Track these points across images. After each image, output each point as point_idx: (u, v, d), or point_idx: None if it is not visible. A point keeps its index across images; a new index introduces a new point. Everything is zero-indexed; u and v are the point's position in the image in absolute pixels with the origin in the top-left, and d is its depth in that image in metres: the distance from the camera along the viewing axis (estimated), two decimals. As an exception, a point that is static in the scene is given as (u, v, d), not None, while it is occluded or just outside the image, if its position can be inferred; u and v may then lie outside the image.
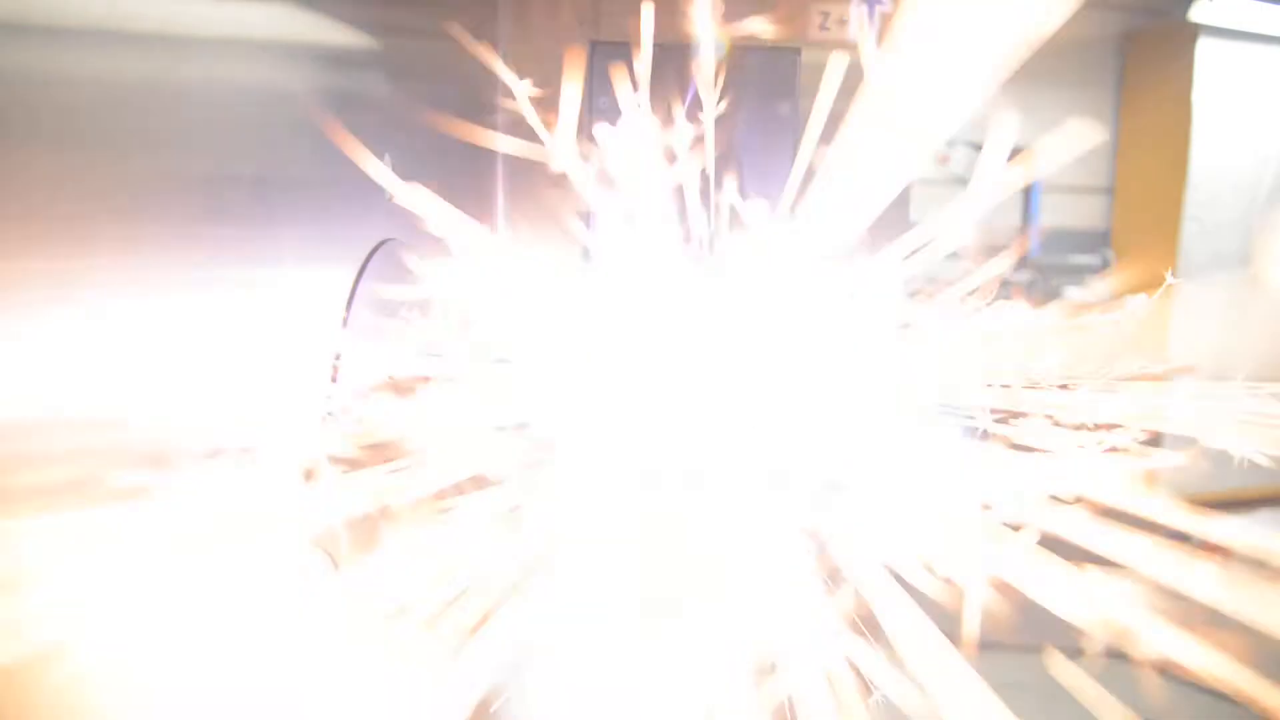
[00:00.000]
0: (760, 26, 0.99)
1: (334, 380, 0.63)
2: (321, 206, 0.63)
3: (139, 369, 0.44)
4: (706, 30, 0.92)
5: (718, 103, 0.94)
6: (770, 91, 0.95)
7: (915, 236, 0.76)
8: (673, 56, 0.96)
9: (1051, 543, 0.63)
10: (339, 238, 0.66)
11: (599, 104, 0.98)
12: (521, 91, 0.81)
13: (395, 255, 0.74)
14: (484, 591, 0.72)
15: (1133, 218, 6.12)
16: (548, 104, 1.09)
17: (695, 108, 0.95)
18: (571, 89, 0.89)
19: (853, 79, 1.08)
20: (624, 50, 0.96)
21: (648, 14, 0.96)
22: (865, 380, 0.65)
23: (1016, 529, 0.65)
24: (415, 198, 0.80)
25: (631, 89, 0.96)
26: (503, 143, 1.08)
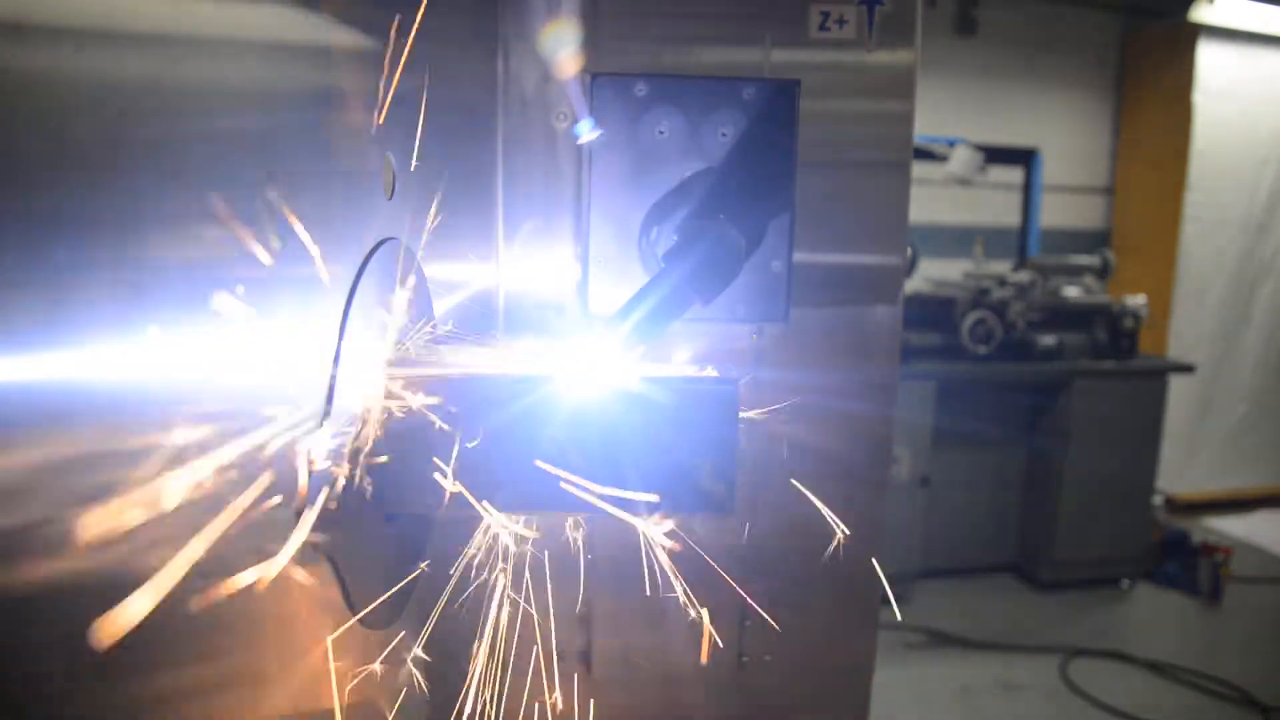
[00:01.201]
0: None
1: (334, 379, 0.63)
2: (321, 206, 0.63)
3: (138, 369, 0.44)
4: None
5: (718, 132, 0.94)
6: (770, 122, 0.95)
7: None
8: (671, 88, 0.96)
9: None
10: (339, 238, 0.66)
11: (599, 134, 0.98)
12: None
13: (395, 255, 0.74)
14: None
15: (1133, 218, 6.13)
16: (548, 103, 1.09)
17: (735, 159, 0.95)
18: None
19: (849, 78, 1.08)
20: (624, 83, 0.96)
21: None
22: None
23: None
24: (415, 198, 0.80)
25: (630, 121, 0.96)
26: (503, 143, 1.08)
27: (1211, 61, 5.63)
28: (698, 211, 0.93)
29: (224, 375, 0.51)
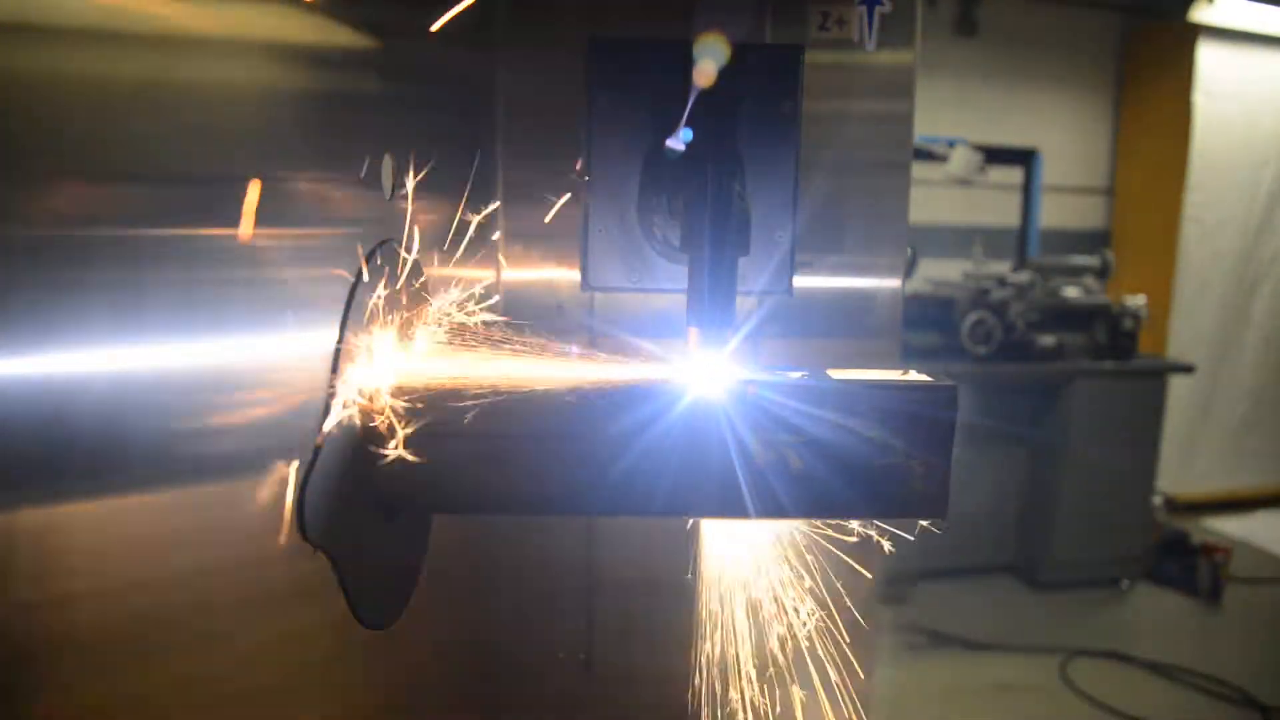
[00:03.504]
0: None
1: (334, 380, 0.63)
2: (321, 207, 0.63)
3: (137, 370, 0.44)
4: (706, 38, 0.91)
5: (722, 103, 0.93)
6: (773, 89, 0.94)
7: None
8: (670, 54, 0.96)
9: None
10: (339, 238, 0.66)
11: (598, 101, 0.97)
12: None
13: (395, 255, 0.74)
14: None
15: (1133, 218, 6.14)
16: (547, 102, 1.09)
17: (692, 112, 0.93)
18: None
19: (849, 78, 1.08)
20: (623, 47, 0.96)
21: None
22: None
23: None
24: (415, 198, 0.80)
25: (630, 86, 0.95)
26: (503, 143, 1.08)
27: (1211, 61, 5.62)
28: (670, 193, 0.91)
29: (224, 376, 0.51)
